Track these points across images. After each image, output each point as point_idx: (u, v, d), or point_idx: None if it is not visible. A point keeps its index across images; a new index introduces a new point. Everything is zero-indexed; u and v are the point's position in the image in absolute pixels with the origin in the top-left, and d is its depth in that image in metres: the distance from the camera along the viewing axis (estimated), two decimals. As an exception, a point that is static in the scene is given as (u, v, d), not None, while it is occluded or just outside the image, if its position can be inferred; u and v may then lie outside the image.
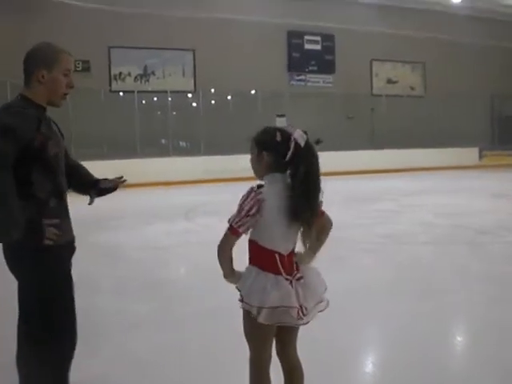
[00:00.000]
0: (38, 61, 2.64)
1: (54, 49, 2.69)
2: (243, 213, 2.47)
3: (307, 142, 2.50)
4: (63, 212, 2.74)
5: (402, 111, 23.37)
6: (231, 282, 2.66)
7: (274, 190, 2.50)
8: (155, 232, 9.47)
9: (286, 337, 2.68)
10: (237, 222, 2.49)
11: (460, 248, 7.60)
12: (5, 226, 2.41)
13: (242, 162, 15.21)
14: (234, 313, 4.81)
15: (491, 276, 5.99)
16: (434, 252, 7.44)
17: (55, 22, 18.18)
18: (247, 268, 2.62)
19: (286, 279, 2.51)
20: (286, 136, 2.52)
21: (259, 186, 2.53)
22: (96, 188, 3.04)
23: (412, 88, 25.77)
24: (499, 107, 26.34)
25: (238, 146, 18.73)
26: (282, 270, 2.52)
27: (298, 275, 2.56)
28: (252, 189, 2.50)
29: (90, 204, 3.04)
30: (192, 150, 20.91)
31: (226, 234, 2.56)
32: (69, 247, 2.79)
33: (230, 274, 2.65)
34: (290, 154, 2.48)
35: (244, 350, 2.65)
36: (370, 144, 22.61)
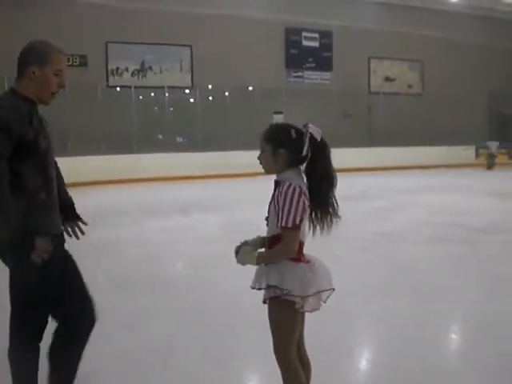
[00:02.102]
0: (31, 57, 2.66)
1: (48, 47, 2.71)
2: (300, 209, 2.48)
3: (322, 137, 2.59)
4: (53, 204, 2.76)
5: (399, 109, 23.41)
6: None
7: (301, 183, 2.56)
8: (152, 228, 9.47)
9: (301, 328, 2.72)
10: (300, 220, 2.49)
11: (455, 246, 7.61)
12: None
13: (239, 158, 15.19)
14: (232, 307, 4.85)
15: (486, 274, 6.00)
16: (429, 250, 7.45)
17: (53, 17, 18.15)
18: (278, 263, 2.60)
19: (314, 265, 2.61)
20: (300, 132, 2.58)
21: (277, 182, 2.58)
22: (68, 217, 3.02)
23: (410, 86, 25.80)
24: (497, 106, 26.38)
25: (235, 142, 18.81)
26: (303, 259, 2.60)
27: (312, 262, 2.63)
28: (290, 186, 2.50)
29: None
30: (189, 146, 20.91)
31: (291, 235, 2.52)
32: (58, 240, 2.79)
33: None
34: (305, 148, 2.55)
35: (242, 344, 2.65)
36: (367, 141, 22.64)
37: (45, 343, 2.80)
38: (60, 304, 2.74)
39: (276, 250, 2.57)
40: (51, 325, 2.81)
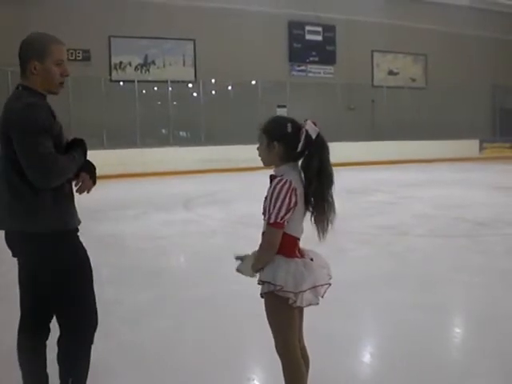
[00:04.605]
0: (30, 52, 2.63)
1: (45, 39, 2.67)
2: (285, 206, 2.48)
3: (319, 135, 2.55)
4: (73, 196, 2.77)
5: (402, 103, 23.36)
6: (255, 271, 2.66)
7: (295, 178, 2.55)
8: (155, 222, 9.48)
9: (299, 322, 2.73)
10: (282, 217, 2.49)
11: (458, 240, 7.61)
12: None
13: (242, 152, 15.17)
14: (234, 300, 4.87)
15: (489, 268, 6.00)
16: (432, 244, 7.45)
17: (56, 11, 18.12)
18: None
19: (311, 260, 2.62)
20: (297, 127, 2.57)
21: (272, 176, 2.58)
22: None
23: (413, 79, 25.73)
24: (500, 99, 26.29)
25: (238, 136, 18.80)
26: (298, 254, 2.61)
27: (309, 257, 2.64)
28: (281, 181, 2.51)
29: None
30: (192, 140, 20.93)
31: (272, 232, 2.53)
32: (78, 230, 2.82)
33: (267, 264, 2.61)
34: (301, 145, 2.53)
35: (248, 337, 2.66)
36: (370, 135, 22.60)
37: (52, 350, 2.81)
38: (70, 299, 2.71)
39: (259, 249, 2.60)
40: (56, 332, 2.81)
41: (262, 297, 2.66)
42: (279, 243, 2.55)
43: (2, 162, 2.62)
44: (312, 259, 2.64)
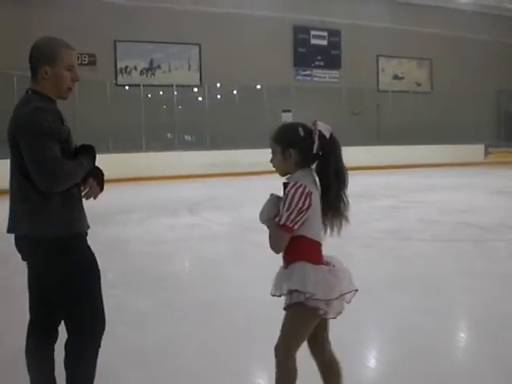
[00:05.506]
0: (41, 57, 2.63)
1: (56, 44, 2.67)
2: (296, 210, 2.42)
3: (332, 134, 2.53)
4: (81, 200, 2.77)
5: (408, 107, 23.35)
6: None
7: (310, 184, 2.50)
8: (159, 226, 9.49)
9: (324, 329, 2.67)
10: (292, 221, 2.43)
11: (462, 245, 7.59)
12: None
13: (248, 157, 15.21)
14: (237, 305, 4.87)
15: (493, 272, 5.98)
16: (437, 248, 7.44)
17: (62, 15, 18.22)
18: (297, 266, 2.52)
19: (334, 266, 2.56)
20: (308, 130, 2.54)
21: (285, 184, 2.51)
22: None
23: (418, 84, 25.73)
24: (505, 104, 26.26)
25: (243, 141, 18.83)
26: (323, 261, 2.56)
27: (332, 264, 2.59)
28: (296, 185, 2.45)
29: None
30: (197, 144, 20.97)
31: (280, 234, 2.47)
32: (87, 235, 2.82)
33: None
34: (316, 146, 2.49)
35: (246, 341, 2.66)
36: (375, 140, 22.61)
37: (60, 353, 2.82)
38: (78, 303, 2.71)
39: (269, 237, 2.50)
40: (64, 335, 2.81)
41: (285, 309, 2.57)
42: (302, 250, 2.51)
43: (12, 166, 2.63)
44: (334, 266, 2.59)
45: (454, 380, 3.46)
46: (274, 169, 2.65)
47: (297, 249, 2.52)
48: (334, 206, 2.55)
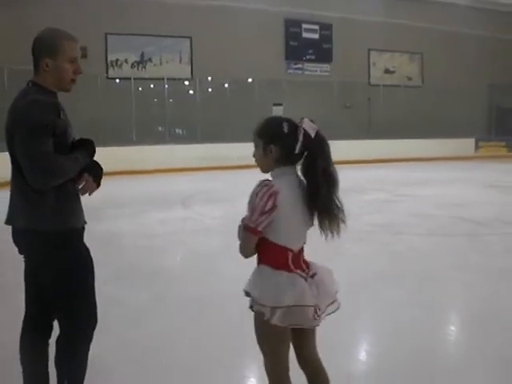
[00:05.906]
0: (43, 49, 2.60)
1: (58, 36, 2.63)
2: (258, 210, 2.27)
3: (318, 133, 2.35)
4: (77, 195, 2.74)
5: (399, 101, 23.39)
6: None
7: (285, 183, 2.35)
8: (152, 220, 9.47)
9: (303, 340, 2.52)
10: (254, 222, 2.29)
11: (456, 239, 7.62)
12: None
13: (239, 150, 15.11)
14: (230, 299, 4.85)
15: (488, 267, 6.01)
16: (430, 242, 7.46)
17: (53, 8, 18.02)
18: (257, 269, 2.43)
19: (301, 276, 2.37)
20: (294, 126, 2.36)
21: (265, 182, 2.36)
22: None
23: (409, 78, 25.75)
24: (496, 98, 26.32)
25: (234, 134, 18.77)
26: (293, 268, 2.37)
27: (311, 272, 2.43)
28: (262, 183, 2.30)
29: None
30: (188, 138, 20.90)
31: (245, 236, 2.36)
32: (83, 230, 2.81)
33: None
34: (299, 145, 2.32)
35: (239, 335, 2.65)
36: (366, 134, 22.62)
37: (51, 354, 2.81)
38: (73, 298, 2.70)
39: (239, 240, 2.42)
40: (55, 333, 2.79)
41: (250, 308, 2.48)
42: (264, 253, 2.39)
43: (11, 161, 2.61)
44: (314, 274, 2.43)
45: (450, 374, 3.47)
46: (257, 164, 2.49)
47: (260, 251, 2.41)
48: (326, 208, 2.37)
